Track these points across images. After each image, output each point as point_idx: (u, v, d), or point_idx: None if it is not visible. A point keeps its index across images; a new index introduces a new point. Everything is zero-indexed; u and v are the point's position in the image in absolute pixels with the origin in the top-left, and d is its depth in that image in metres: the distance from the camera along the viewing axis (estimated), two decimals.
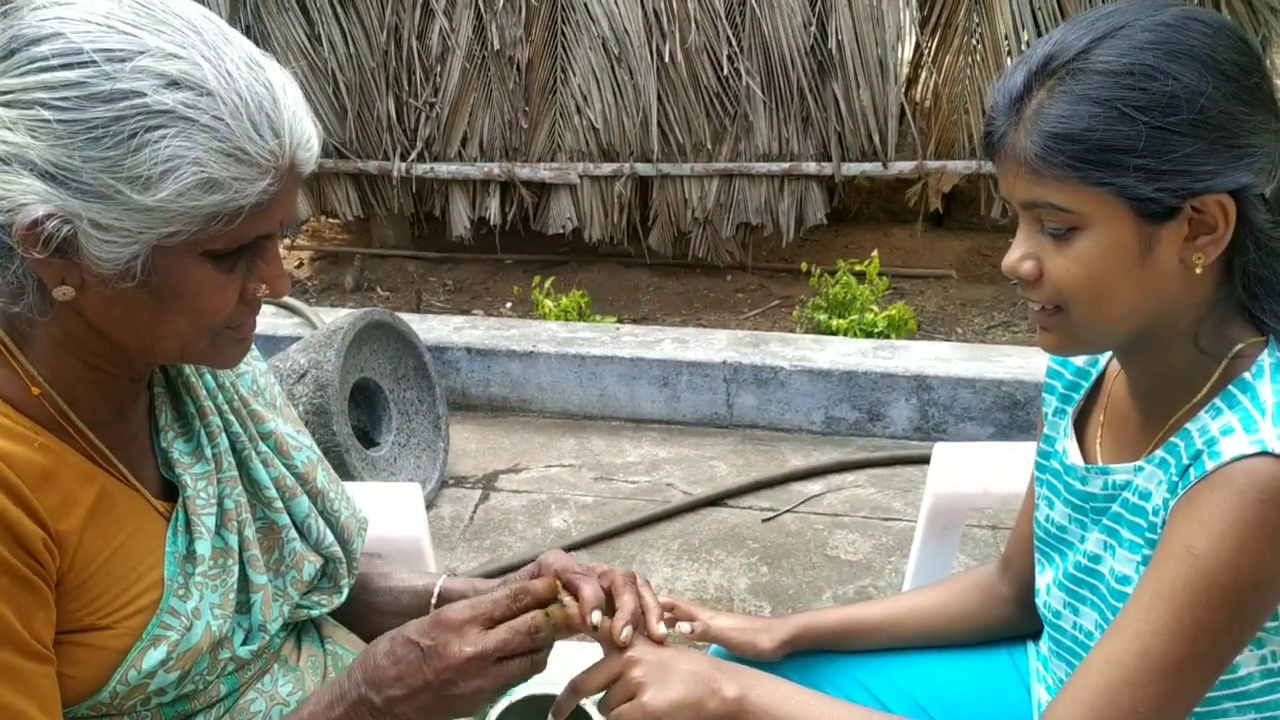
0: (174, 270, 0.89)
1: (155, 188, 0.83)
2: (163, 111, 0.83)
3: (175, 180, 0.83)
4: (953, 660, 1.43)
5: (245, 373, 1.19)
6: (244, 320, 0.98)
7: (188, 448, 1.08)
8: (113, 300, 0.89)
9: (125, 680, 0.96)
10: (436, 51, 4.34)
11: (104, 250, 0.85)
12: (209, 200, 0.85)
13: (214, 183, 0.85)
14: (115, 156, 0.83)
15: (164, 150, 0.83)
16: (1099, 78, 0.96)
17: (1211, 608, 0.95)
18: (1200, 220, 0.98)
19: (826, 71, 4.16)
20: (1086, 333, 1.06)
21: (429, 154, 4.53)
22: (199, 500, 1.05)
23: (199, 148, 0.84)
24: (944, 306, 4.38)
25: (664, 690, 1.06)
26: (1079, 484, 1.19)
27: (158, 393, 1.08)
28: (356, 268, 4.78)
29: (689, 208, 4.42)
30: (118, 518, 0.98)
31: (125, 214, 0.84)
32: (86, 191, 0.83)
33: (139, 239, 0.85)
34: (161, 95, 0.82)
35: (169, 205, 0.84)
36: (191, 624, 1.00)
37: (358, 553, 1.24)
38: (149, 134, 0.82)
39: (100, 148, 0.82)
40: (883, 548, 2.81)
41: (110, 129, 0.82)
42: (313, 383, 2.77)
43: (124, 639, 0.96)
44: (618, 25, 4.17)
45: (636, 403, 3.52)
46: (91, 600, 0.95)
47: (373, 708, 0.98)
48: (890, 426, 3.35)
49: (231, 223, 0.87)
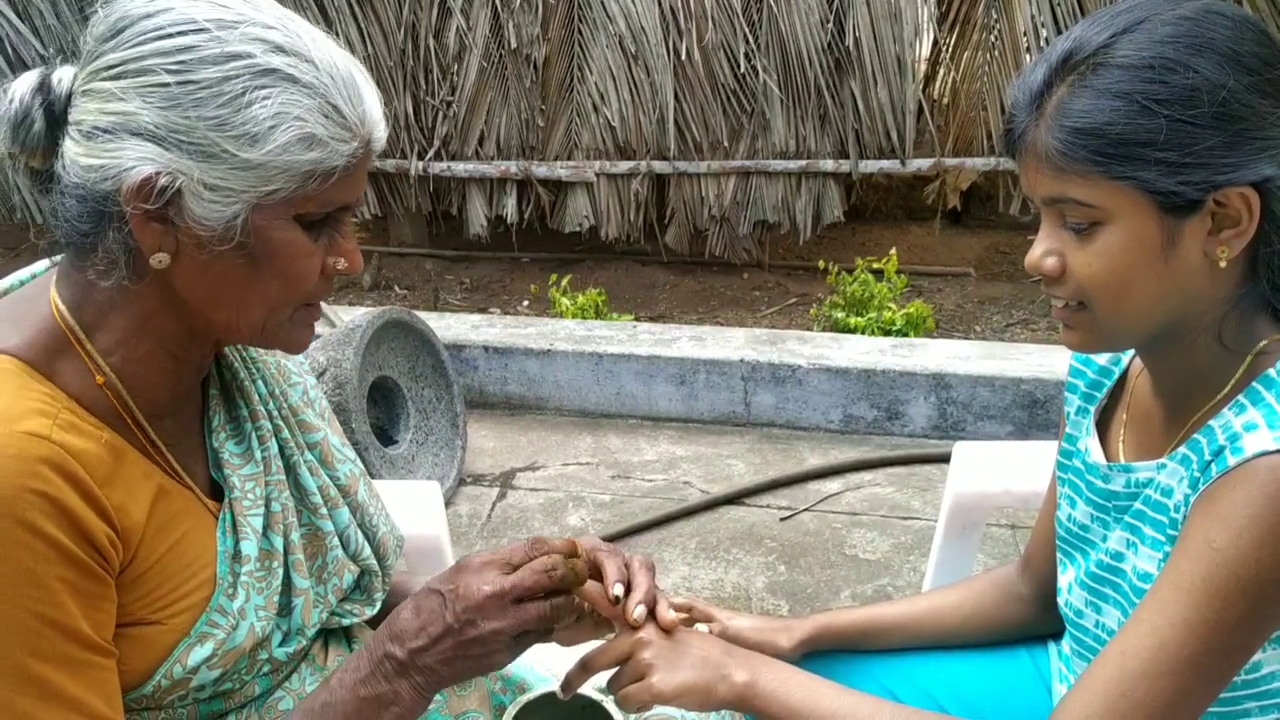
0: (270, 232, 0.93)
1: (261, 143, 0.88)
2: (270, 71, 0.88)
3: (281, 133, 0.88)
4: (973, 660, 1.43)
5: (297, 383, 1.21)
6: (322, 296, 1.01)
7: (239, 449, 1.10)
8: (206, 265, 0.93)
9: (170, 675, 0.97)
10: (454, 50, 4.35)
11: (209, 209, 0.90)
12: (308, 157, 0.90)
13: (314, 139, 0.90)
14: (224, 115, 0.88)
15: (271, 106, 0.88)
16: (1119, 72, 0.95)
17: (1230, 602, 0.94)
18: (1224, 214, 0.97)
19: (844, 69, 4.14)
20: (1110, 329, 1.05)
21: (446, 152, 4.54)
22: (245, 501, 1.06)
23: (301, 106, 0.89)
24: (962, 304, 4.36)
25: (673, 674, 1.06)
26: (1101, 482, 1.18)
27: (212, 394, 1.10)
28: (374, 266, 4.80)
29: (706, 205, 4.41)
30: (174, 515, 1.00)
31: (231, 172, 0.89)
32: (196, 151, 0.88)
33: (241, 198, 0.90)
34: (269, 57, 0.88)
35: (273, 160, 0.89)
36: (238, 623, 1.01)
37: (392, 569, 1.25)
38: (257, 91, 0.88)
39: (210, 107, 0.87)
40: (901, 546, 2.79)
41: (221, 88, 0.87)
42: (331, 380, 2.78)
43: (172, 635, 0.97)
44: (634, 23, 4.17)
45: (654, 401, 3.52)
46: (146, 594, 0.96)
47: (397, 663, 0.98)
48: (909, 425, 3.34)
49: (325, 183, 0.92)
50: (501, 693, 1.35)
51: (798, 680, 1.09)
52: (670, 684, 1.06)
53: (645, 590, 1.09)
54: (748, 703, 1.08)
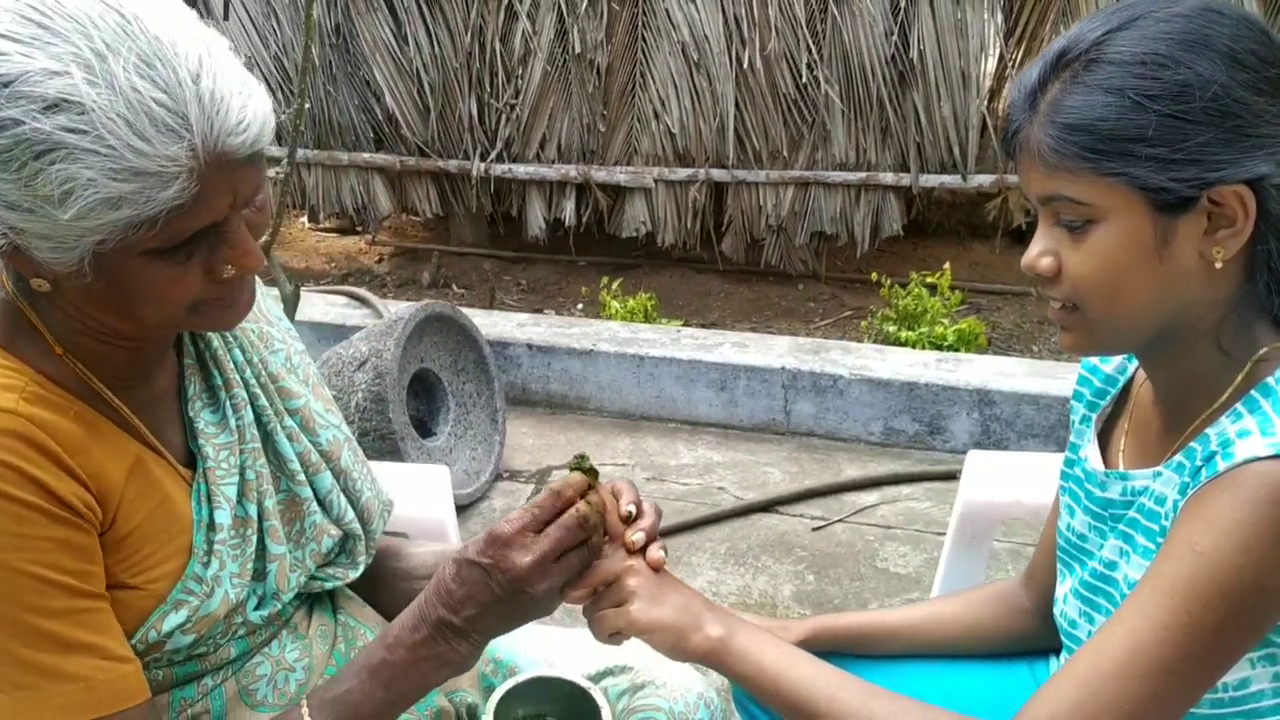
0: (122, 270, 0.90)
1: (64, 207, 0.83)
2: (44, 139, 0.82)
3: (78, 201, 0.83)
4: (971, 670, 1.41)
5: (280, 349, 1.22)
6: (224, 294, 0.98)
7: (214, 418, 1.12)
8: (85, 289, 0.92)
9: (144, 639, 1.00)
10: (519, 54, 4.40)
11: (50, 255, 0.88)
12: (118, 215, 0.84)
13: (115, 200, 0.84)
14: (23, 178, 0.83)
15: (56, 175, 0.82)
16: (1112, 68, 0.94)
17: (1210, 607, 0.91)
18: (1219, 213, 0.95)
19: (907, 81, 4.11)
20: (1104, 330, 1.04)
21: (508, 155, 4.60)
22: (219, 470, 1.09)
23: (90, 170, 0.82)
24: (1020, 324, 4.28)
25: (652, 608, 1.07)
26: (1098, 490, 1.16)
27: (188, 364, 1.12)
28: (434, 264, 4.87)
29: (763, 215, 4.40)
30: (151, 483, 1.02)
31: (55, 226, 0.85)
32: (19, 208, 0.85)
33: (77, 246, 0.87)
34: (39, 122, 0.81)
35: (83, 222, 0.84)
36: (212, 590, 1.03)
37: (376, 533, 1.27)
38: (38, 161, 0.82)
39: (10, 172, 0.83)
40: (934, 561, 2.75)
41: (10, 156, 0.83)
42: (372, 370, 2.83)
43: (149, 601, 1.00)
44: (698, 31, 4.18)
45: (693, 405, 3.51)
46: (126, 558, 0.99)
47: (454, 629, 1.02)
48: (950, 440, 3.28)
49: (154, 228, 0.86)
50: (492, 674, 1.36)
51: (772, 644, 1.08)
52: (646, 616, 1.06)
53: (649, 523, 1.11)
54: (719, 657, 1.07)
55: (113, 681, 0.94)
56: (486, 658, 1.37)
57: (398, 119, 4.61)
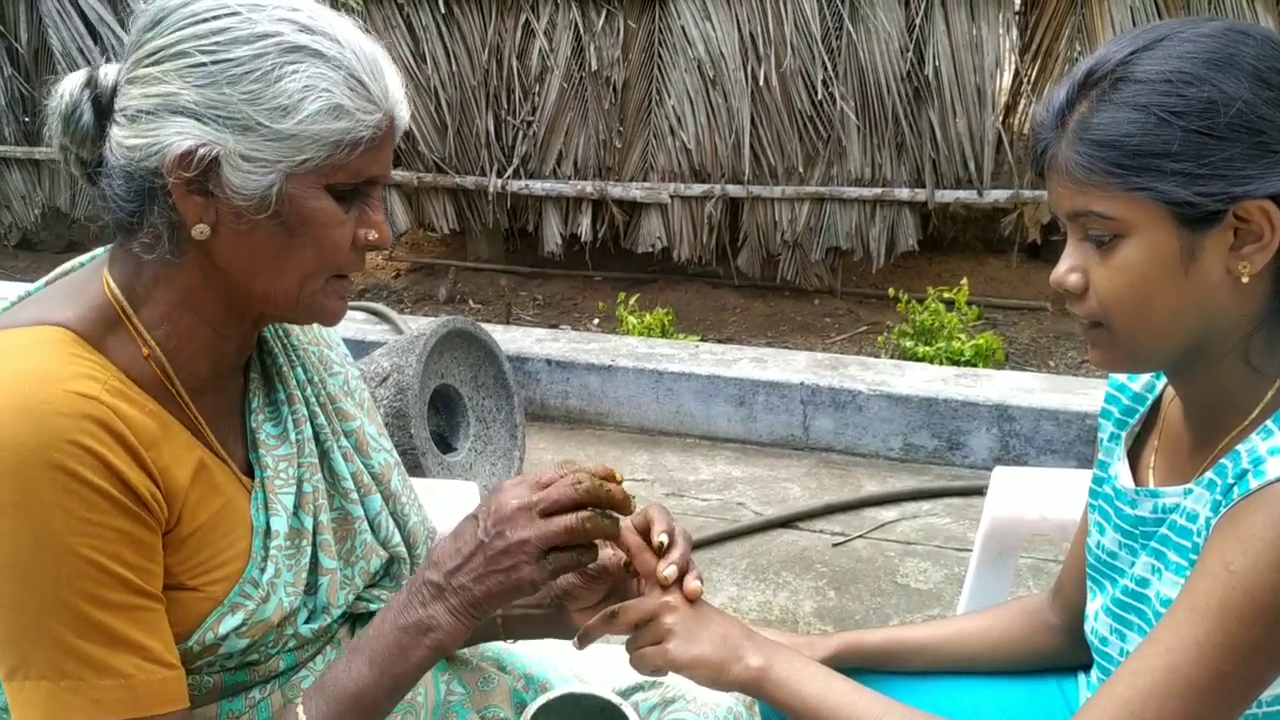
0: (303, 201, 0.99)
1: (291, 114, 0.95)
2: (298, 48, 0.95)
3: (309, 104, 0.95)
4: (999, 687, 1.40)
5: (339, 373, 1.25)
6: (353, 267, 1.07)
7: (275, 430, 1.14)
8: (244, 236, 0.99)
9: (201, 641, 1.01)
10: (535, 71, 4.43)
11: (245, 179, 0.96)
12: (336, 126, 0.96)
13: (340, 109, 0.96)
14: (257, 90, 0.94)
15: (300, 80, 0.95)
16: (1138, 86, 0.96)
17: (1245, 626, 0.92)
18: (1245, 228, 0.96)
19: (922, 97, 4.12)
20: (1131, 346, 1.04)
21: (524, 171, 4.63)
22: (278, 480, 1.11)
23: (327, 79, 0.96)
24: (1037, 339, 4.28)
25: (690, 644, 1.08)
26: (1129, 508, 1.16)
27: (253, 378, 1.16)
28: (450, 280, 4.89)
29: (779, 230, 4.41)
30: (214, 486, 1.05)
31: (265, 143, 0.95)
32: (232, 124, 0.95)
33: (275, 168, 0.96)
34: (297, 35, 0.96)
35: (303, 130, 0.95)
36: (268, 595, 1.05)
37: (420, 558, 1.28)
38: (286, 66, 0.95)
39: (244, 83, 0.94)
40: (954, 577, 2.75)
41: (253, 65, 0.94)
42: (394, 386, 2.85)
43: (208, 603, 1.02)
44: (714, 48, 4.20)
45: (712, 420, 3.52)
46: (187, 559, 1.01)
47: (434, 586, 1.02)
48: (969, 456, 3.29)
49: (353, 152, 0.98)
50: (524, 691, 1.37)
51: (812, 671, 1.09)
52: (686, 653, 1.07)
53: (681, 554, 1.11)
54: (759, 686, 1.08)
55: (154, 684, 0.95)
56: (518, 674, 1.38)
57: (415, 135, 4.64)
